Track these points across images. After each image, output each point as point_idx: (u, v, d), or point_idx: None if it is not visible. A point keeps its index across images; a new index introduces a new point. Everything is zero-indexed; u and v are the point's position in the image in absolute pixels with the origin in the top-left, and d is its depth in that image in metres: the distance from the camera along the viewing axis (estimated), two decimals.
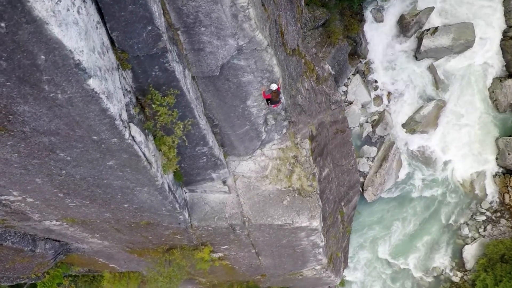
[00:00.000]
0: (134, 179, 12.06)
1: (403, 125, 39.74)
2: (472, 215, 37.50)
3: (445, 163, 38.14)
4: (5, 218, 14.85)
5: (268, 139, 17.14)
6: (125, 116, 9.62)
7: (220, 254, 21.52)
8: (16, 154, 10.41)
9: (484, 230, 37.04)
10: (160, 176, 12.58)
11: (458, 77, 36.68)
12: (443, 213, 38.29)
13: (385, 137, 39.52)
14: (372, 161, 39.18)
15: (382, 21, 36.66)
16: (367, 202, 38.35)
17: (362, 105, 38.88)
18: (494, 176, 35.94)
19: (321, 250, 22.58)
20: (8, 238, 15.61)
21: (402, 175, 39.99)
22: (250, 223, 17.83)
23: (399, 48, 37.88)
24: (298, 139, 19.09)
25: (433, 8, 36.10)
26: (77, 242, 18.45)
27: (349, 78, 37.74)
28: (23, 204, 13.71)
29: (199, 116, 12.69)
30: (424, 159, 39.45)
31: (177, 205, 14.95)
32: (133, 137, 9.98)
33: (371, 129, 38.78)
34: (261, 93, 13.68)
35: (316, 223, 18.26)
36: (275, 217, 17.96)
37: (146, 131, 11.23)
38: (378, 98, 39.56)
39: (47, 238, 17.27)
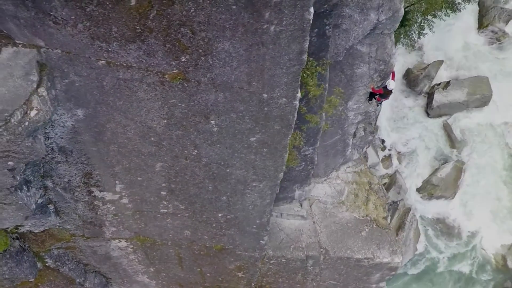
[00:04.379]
0: (262, 166, 12.96)
1: (418, 190, 40.29)
2: None
3: (471, 233, 37.47)
4: (75, 233, 14.88)
5: (348, 158, 18.60)
6: None
7: None
8: (165, 121, 11.27)
9: None
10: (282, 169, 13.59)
11: (477, 135, 37.85)
12: None
13: (398, 202, 39.92)
14: None
15: None
16: None
17: (369, 167, 40.43)
18: None
19: None
20: (67, 262, 15.39)
21: (421, 247, 40.03)
22: (327, 255, 18.52)
23: (408, 104, 38.89)
24: (366, 166, 20.71)
25: (442, 61, 38.17)
26: (122, 281, 18.19)
27: None
28: (112, 208, 14.00)
29: None
30: (445, 228, 39.45)
31: (270, 220, 15.70)
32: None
33: None
34: (370, 90, 15.45)
35: (398, 260, 19.20)
36: (355, 250, 18.79)
37: None
38: (387, 159, 40.07)
39: (96, 271, 17.09)
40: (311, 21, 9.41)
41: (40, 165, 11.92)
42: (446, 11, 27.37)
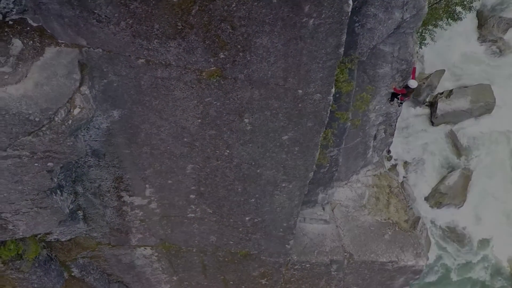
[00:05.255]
0: (292, 166, 13.01)
1: (426, 198, 40.44)
2: None
3: (482, 241, 37.42)
4: (101, 241, 14.82)
5: (368, 161, 18.68)
6: None
7: None
8: (200, 120, 11.34)
9: None
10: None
11: (483, 142, 37.95)
12: None
13: None
14: None
15: None
16: None
17: None
18: None
19: None
20: (92, 272, 15.31)
21: (432, 255, 39.93)
22: (351, 259, 18.48)
23: (412, 114, 39.19)
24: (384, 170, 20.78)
25: (443, 70, 38.65)
26: None
27: None
28: (140, 214, 13.99)
29: None
30: (456, 236, 39.30)
31: (297, 222, 15.70)
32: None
33: None
34: (391, 90, 15.59)
35: (423, 262, 19.19)
36: (379, 253, 18.76)
37: None
38: (393, 169, 40.67)
39: (119, 281, 17.00)
40: (349, 14, 9.53)
41: (72, 170, 11.93)
42: (447, 20, 27.68)
